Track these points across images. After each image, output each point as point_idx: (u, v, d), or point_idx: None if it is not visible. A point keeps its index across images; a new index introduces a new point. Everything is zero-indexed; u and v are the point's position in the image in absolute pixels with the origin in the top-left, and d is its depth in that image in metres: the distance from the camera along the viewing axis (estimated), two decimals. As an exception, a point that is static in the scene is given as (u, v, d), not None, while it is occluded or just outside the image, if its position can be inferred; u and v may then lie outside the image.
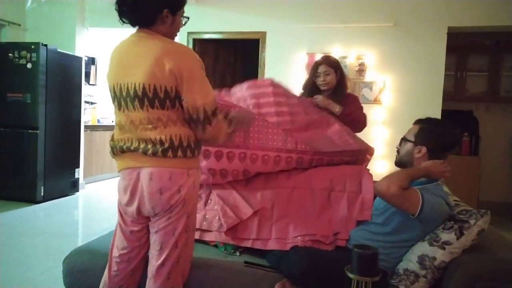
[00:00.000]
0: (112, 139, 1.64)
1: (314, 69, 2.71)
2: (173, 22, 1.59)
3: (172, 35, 1.63)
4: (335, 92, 2.66)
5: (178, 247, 1.57)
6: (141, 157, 1.53)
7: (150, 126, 1.51)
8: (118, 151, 1.59)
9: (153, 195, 1.51)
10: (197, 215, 2.13)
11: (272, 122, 2.20)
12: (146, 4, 1.51)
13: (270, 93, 2.37)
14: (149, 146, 1.51)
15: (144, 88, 1.47)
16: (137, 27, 1.58)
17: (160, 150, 1.49)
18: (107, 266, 1.69)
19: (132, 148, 1.55)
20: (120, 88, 1.53)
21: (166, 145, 1.50)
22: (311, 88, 2.73)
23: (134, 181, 1.56)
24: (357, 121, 2.63)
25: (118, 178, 1.65)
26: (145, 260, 1.69)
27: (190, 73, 1.48)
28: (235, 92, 2.47)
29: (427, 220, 1.64)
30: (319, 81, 2.67)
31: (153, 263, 1.58)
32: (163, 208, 1.53)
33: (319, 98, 2.57)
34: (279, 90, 2.43)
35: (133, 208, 1.58)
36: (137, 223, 1.63)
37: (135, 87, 1.48)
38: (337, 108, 2.56)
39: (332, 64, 2.65)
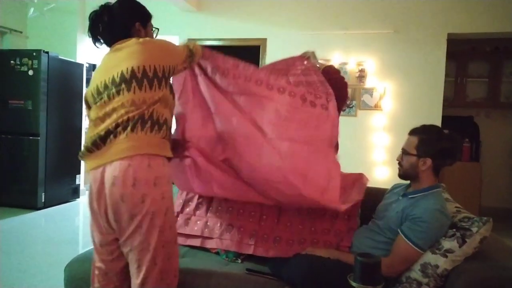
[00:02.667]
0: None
1: None
2: (146, 35, 1.73)
3: None
4: None
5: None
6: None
7: (132, 108, 1.50)
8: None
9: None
10: (198, 222, 2.15)
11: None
12: (120, 20, 1.66)
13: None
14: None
15: (133, 70, 1.51)
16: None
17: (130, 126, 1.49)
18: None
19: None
20: (105, 84, 1.55)
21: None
22: None
23: None
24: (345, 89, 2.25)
25: None
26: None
27: (169, 46, 1.66)
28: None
29: (431, 242, 1.65)
30: None
31: (134, 281, 1.54)
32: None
33: (308, 52, 2.25)
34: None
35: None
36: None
37: (122, 72, 1.52)
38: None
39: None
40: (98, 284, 1.64)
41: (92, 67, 6.61)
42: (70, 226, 4.39)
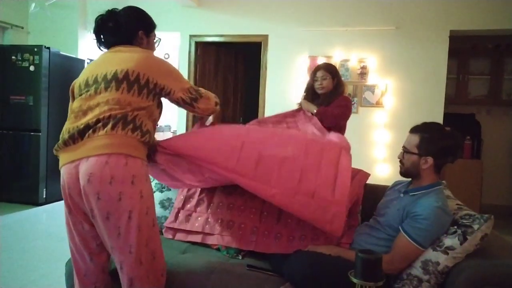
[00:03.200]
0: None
1: (313, 73, 2.83)
2: (148, 44, 1.77)
3: None
4: (329, 96, 2.74)
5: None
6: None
7: (117, 107, 1.50)
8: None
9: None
10: (199, 218, 2.16)
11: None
12: (125, 27, 1.68)
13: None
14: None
15: (127, 72, 1.53)
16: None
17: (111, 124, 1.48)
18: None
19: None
20: (95, 78, 1.56)
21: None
22: (311, 91, 2.85)
23: None
24: (329, 114, 2.59)
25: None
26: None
27: (172, 70, 1.71)
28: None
29: (432, 240, 1.65)
30: (317, 85, 2.77)
31: (121, 281, 1.54)
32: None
33: (302, 102, 2.76)
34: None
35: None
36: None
37: (116, 71, 1.53)
38: (314, 109, 2.64)
39: (330, 70, 2.77)
40: (79, 284, 1.63)
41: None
42: (71, 222, 4.40)
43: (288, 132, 2.20)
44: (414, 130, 1.82)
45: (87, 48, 5.60)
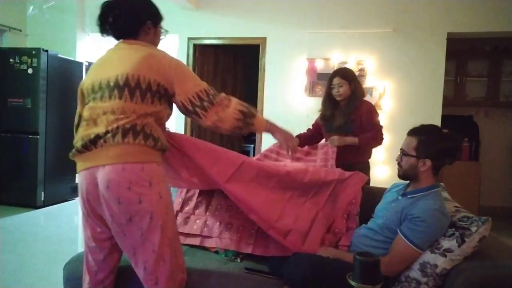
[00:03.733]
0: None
1: (329, 81, 2.83)
2: (155, 34, 1.69)
3: (154, 45, 1.70)
4: (349, 102, 2.77)
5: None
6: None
7: (122, 116, 1.47)
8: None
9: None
10: (197, 221, 2.15)
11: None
12: (131, 15, 1.60)
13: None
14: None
15: (127, 77, 1.48)
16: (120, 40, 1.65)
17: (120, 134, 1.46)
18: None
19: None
20: (100, 85, 1.53)
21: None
22: (328, 101, 2.85)
23: None
24: (371, 135, 2.71)
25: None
26: None
27: (178, 68, 1.58)
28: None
29: (430, 242, 1.65)
30: (334, 92, 2.79)
31: (145, 284, 1.55)
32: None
33: (334, 140, 2.60)
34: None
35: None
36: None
37: (117, 78, 1.49)
38: (355, 140, 2.66)
39: (345, 76, 2.76)
40: (89, 285, 1.64)
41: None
42: (69, 225, 4.39)
43: (286, 169, 2.13)
44: (412, 132, 1.82)
45: (85, 50, 5.59)
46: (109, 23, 1.61)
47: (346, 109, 2.75)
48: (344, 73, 2.78)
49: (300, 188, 2.03)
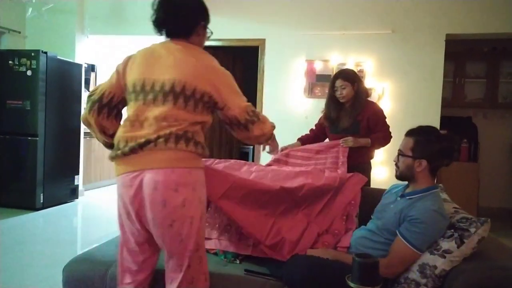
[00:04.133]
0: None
1: (331, 83, 2.82)
2: (203, 36, 1.69)
3: (201, 47, 1.70)
4: (353, 103, 2.77)
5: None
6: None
7: (175, 123, 1.49)
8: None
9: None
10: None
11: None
12: (189, 15, 1.61)
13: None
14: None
15: (184, 86, 1.49)
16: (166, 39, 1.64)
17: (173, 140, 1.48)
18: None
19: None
20: (152, 84, 1.51)
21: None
22: (332, 103, 2.84)
23: None
24: (381, 136, 2.80)
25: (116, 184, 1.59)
26: None
27: (229, 82, 1.61)
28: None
29: (429, 243, 1.66)
30: (337, 94, 2.78)
31: (170, 285, 1.56)
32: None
33: (349, 141, 2.56)
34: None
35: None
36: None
37: (174, 83, 1.49)
38: (368, 141, 2.71)
39: (347, 77, 2.75)
40: (131, 286, 1.64)
41: (91, 67, 6.62)
42: (69, 227, 4.39)
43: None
44: (409, 133, 1.84)
45: (84, 52, 5.59)
46: (168, 20, 1.60)
47: (351, 110, 2.74)
48: (346, 75, 2.77)
49: (294, 200, 2.04)
